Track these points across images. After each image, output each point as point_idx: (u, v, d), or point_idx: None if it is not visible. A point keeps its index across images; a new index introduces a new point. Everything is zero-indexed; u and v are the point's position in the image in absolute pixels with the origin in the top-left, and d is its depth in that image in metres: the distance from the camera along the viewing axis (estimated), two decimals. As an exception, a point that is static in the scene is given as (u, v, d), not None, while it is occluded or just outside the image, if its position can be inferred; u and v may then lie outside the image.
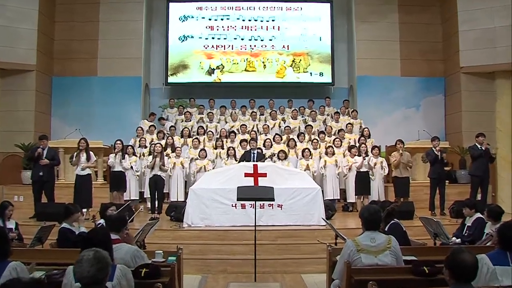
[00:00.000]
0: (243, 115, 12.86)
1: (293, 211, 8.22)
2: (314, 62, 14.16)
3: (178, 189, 10.49)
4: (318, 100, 13.39)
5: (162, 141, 10.95)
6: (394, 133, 12.27)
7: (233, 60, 14.09)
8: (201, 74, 14.07)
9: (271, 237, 7.67)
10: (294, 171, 9.22)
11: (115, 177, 9.69)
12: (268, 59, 14.11)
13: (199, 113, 12.93)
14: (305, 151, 10.55)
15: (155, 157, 9.48)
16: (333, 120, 12.46)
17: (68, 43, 13.38)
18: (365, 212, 4.13)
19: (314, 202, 8.26)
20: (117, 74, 13.19)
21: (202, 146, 11.06)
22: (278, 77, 14.11)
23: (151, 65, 14.37)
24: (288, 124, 12.26)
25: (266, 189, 6.89)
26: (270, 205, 8.11)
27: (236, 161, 10.33)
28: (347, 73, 14.52)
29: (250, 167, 8.61)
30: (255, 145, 10.57)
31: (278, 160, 10.26)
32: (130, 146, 10.26)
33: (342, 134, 11.52)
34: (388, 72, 13.51)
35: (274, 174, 8.52)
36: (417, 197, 10.13)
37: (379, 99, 13.49)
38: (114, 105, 13.12)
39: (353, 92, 14.16)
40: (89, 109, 13.18)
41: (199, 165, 10.50)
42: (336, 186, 10.56)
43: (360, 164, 9.94)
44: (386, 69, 13.50)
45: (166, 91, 14.30)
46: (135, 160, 10.13)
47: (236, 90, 13.97)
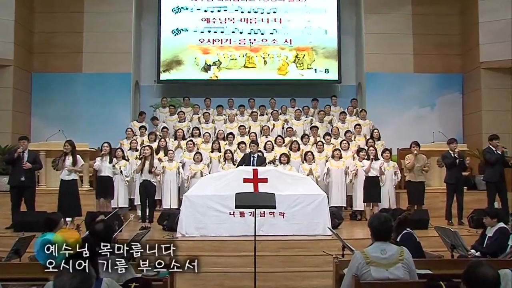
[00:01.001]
0: (242, 115, 12.85)
1: (296, 220, 8.20)
2: (319, 58, 14.16)
3: (171, 195, 10.47)
4: (324, 99, 13.42)
5: (154, 144, 10.95)
6: (406, 135, 12.22)
7: (231, 55, 14.09)
8: (196, 70, 14.07)
9: (273, 248, 7.65)
10: (297, 176, 9.20)
11: (102, 183, 9.67)
12: (269, 54, 14.11)
13: (194, 113, 12.92)
14: (307, 154, 10.55)
15: (144, 160, 9.44)
16: (339, 121, 12.46)
17: (50, 36, 13.38)
18: (374, 221, 4.12)
19: (319, 210, 8.25)
20: (104, 71, 13.19)
21: (197, 149, 11.05)
22: (280, 74, 14.13)
23: (141, 60, 14.38)
24: (290, 125, 12.25)
25: (267, 196, 6.89)
26: (271, 213, 8.09)
27: (234, 165, 10.31)
28: (355, 69, 14.52)
29: (249, 172, 8.57)
30: (255, 148, 10.53)
31: (280, 164, 10.25)
32: (119, 149, 10.26)
33: (349, 136, 11.50)
34: (400, 68, 13.52)
35: (276, 179, 8.50)
36: (432, 204, 10.09)
37: (390, 98, 13.50)
38: (101, 104, 13.12)
39: (361, 90, 14.17)
40: (73, 108, 13.17)
41: (194, 170, 10.49)
42: (342, 192, 10.55)
43: (367, 168, 9.91)
44: (398, 65, 13.51)
45: (158, 89, 14.31)
46: (125, 164, 10.09)
47: (234, 88, 13.96)
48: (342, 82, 14.21)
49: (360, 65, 14.19)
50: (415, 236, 5.41)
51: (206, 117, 12.53)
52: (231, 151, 10.73)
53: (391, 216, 4.40)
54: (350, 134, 11.57)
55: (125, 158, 10.25)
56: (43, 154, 10.56)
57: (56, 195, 9.05)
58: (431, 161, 10.95)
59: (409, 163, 9.90)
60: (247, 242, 7.19)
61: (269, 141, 11.21)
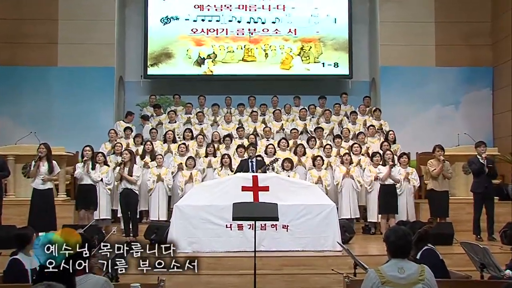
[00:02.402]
0: (241, 115, 12.85)
1: (301, 234, 8.19)
2: (328, 50, 14.15)
3: (159, 206, 10.43)
4: (332, 97, 13.40)
5: (140, 147, 10.97)
6: (426, 137, 12.26)
7: (227, 47, 14.09)
8: (189, 64, 14.06)
9: (275, 266, 7.64)
10: (303, 184, 9.18)
11: (83, 192, 9.63)
12: (271, 46, 14.10)
13: (186, 113, 12.91)
14: (316, 159, 10.53)
15: (123, 166, 9.41)
16: (350, 122, 12.44)
17: (19, 23, 13.33)
18: (391, 235, 4.09)
19: (327, 223, 8.23)
20: (83, 64, 13.18)
21: (190, 154, 11.02)
22: (283, 68, 14.12)
23: (126, 53, 14.39)
24: (295, 126, 12.25)
25: (269, 206, 6.87)
26: (273, 226, 8.07)
27: (232, 171, 10.29)
28: (368, 63, 14.53)
29: (248, 179, 8.55)
30: (255, 152, 10.54)
31: (283, 170, 10.22)
32: (100, 154, 10.20)
33: (362, 138, 11.49)
34: (420, 61, 13.52)
35: (278, 187, 8.49)
36: (458, 216, 10.04)
37: (408, 95, 13.50)
38: (79, 102, 13.11)
39: (375, 86, 14.16)
40: (48, 107, 13.16)
41: (186, 177, 10.46)
42: (354, 202, 10.51)
43: (385, 175, 9.89)
44: (418, 57, 13.50)
45: (146, 86, 14.30)
46: (107, 170, 10.06)
47: (232, 85, 13.96)
48: (354, 78, 14.21)
49: (374, 58, 14.18)
50: (437, 253, 5.38)
51: (199, 117, 12.49)
52: (229, 156, 10.68)
53: (410, 230, 4.36)
54: (362, 136, 11.55)
55: (106, 163, 10.21)
56: (12, 159, 10.48)
57: (26, 206, 8.95)
58: (455, 167, 10.93)
59: (435, 170, 9.84)
60: (246, 259, 7.18)
61: (270, 144, 11.16)
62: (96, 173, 9.76)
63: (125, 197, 9.45)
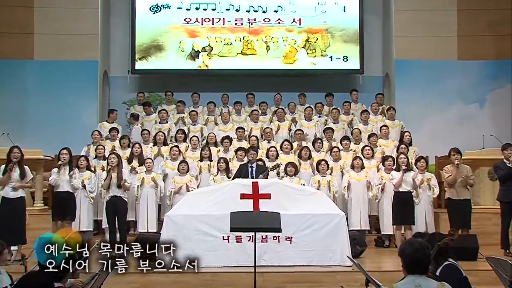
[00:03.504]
0: (239, 114, 12.90)
1: (307, 246, 8.18)
2: (336, 42, 14.19)
3: (148, 216, 10.44)
4: (341, 94, 13.45)
5: (127, 150, 10.97)
6: (447, 139, 12.27)
7: (224, 39, 14.12)
8: (181, 58, 14.11)
9: (277, 282, 7.63)
10: (308, 191, 9.19)
11: (61, 201, 9.60)
12: (273, 38, 14.15)
13: (178, 112, 12.94)
14: (321, 163, 10.53)
15: (110, 172, 9.39)
16: (361, 122, 12.48)
17: (-14, 10, 13.30)
18: (407, 249, 4.10)
19: (336, 234, 8.22)
20: (63, 57, 13.22)
21: (183, 157, 11.04)
22: (287, 63, 14.16)
23: (111, 45, 14.43)
24: (300, 127, 12.27)
25: (270, 216, 6.91)
26: (275, 237, 8.06)
27: (230, 177, 10.30)
28: (381, 56, 14.61)
29: (248, 186, 8.55)
30: (255, 156, 10.51)
31: (287, 176, 10.25)
32: (82, 157, 10.23)
33: (374, 140, 11.50)
34: (439, 54, 13.55)
35: (281, 195, 8.50)
36: (482, 228, 10.02)
37: (426, 93, 13.54)
38: (59, 100, 13.13)
39: (389, 82, 14.18)
40: (22, 105, 13.17)
41: (178, 183, 10.45)
42: (366, 211, 10.54)
43: (398, 181, 9.85)
44: (437, 50, 13.54)
45: (133, 82, 14.35)
46: (89, 176, 10.07)
47: (229, 81, 14.05)
48: (365, 73, 14.27)
49: (388, 51, 14.21)
50: (459, 269, 5.34)
51: (193, 116, 12.51)
52: (225, 160, 10.68)
53: (428, 243, 4.38)
54: (374, 139, 11.54)
55: (90, 168, 10.21)
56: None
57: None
58: (480, 173, 10.91)
59: (450, 176, 9.82)
60: (245, 275, 7.19)
61: (272, 147, 11.17)
62: (76, 179, 9.74)
63: (113, 205, 9.43)
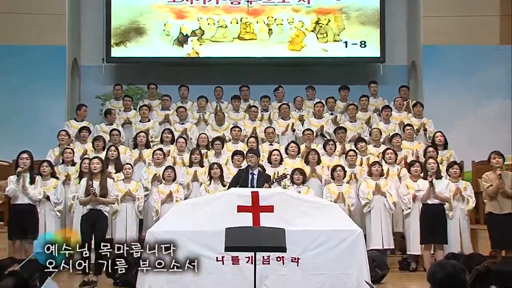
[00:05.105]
0: (235, 111, 12.99)
1: (317, 269, 7.99)
2: (352, 25, 14.17)
3: (127, 233, 10.47)
4: (358, 87, 13.52)
5: (102, 154, 10.86)
6: (486, 140, 12.32)
7: (218, 21, 14.09)
8: (167, 44, 14.11)
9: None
10: (318, 202, 9.04)
11: (20, 215, 9.56)
12: (276, 20, 14.12)
13: (162, 109, 13.02)
14: (336, 170, 10.58)
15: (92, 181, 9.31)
16: (382, 120, 12.52)
17: None
18: (438, 273, 4.15)
19: (351, 254, 8.05)
20: (24, 42, 13.21)
21: (170, 163, 11.10)
22: (293, 49, 14.15)
23: (82, 27, 14.39)
24: (308, 126, 12.29)
25: (273, 233, 6.91)
26: (279, 258, 7.91)
27: (224, 186, 10.37)
28: (406, 42, 14.62)
29: (246, 197, 8.35)
30: (255, 161, 10.43)
31: (293, 184, 10.33)
32: (46, 163, 10.21)
33: (397, 141, 11.55)
34: (477, 39, 13.53)
35: (286, 207, 8.33)
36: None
37: (460, 85, 13.54)
38: (18, 93, 13.10)
39: (415, 73, 14.21)
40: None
41: (163, 193, 10.52)
42: (388, 228, 10.58)
43: (426, 193, 9.83)
44: (475, 33, 13.53)
45: (109, 72, 14.37)
46: (55, 185, 10.08)
47: (224, 71, 14.10)
48: (387, 61, 14.26)
49: (414, 36, 14.22)
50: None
51: (181, 114, 12.56)
52: (219, 165, 10.74)
53: (464, 266, 4.43)
54: (398, 140, 11.56)
55: (55, 175, 10.20)
56: None
57: None
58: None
59: (490, 185, 9.78)
60: (243, 304, 7.09)
61: (275, 150, 11.24)
62: (36, 189, 9.69)
63: (90, 219, 9.31)
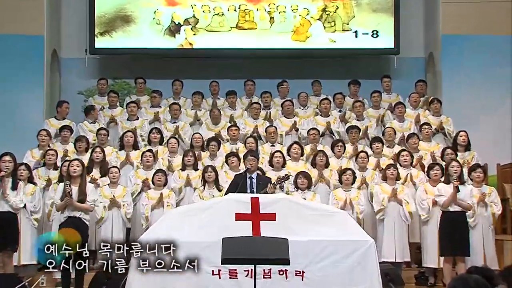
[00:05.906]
0: (233, 108, 13.08)
1: (324, 284, 7.89)
2: (363, 13, 14.28)
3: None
4: (370, 82, 13.57)
5: (85, 156, 10.91)
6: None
7: (214, 8, 14.18)
8: (157, 34, 14.21)
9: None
10: (325, 210, 8.96)
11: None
12: (279, 6, 14.26)
13: (152, 106, 13.06)
14: (345, 173, 10.60)
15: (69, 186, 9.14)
16: (396, 118, 12.55)
17: None
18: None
19: (363, 267, 7.96)
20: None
21: (160, 165, 11.17)
22: (297, 40, 14.26)
23: (62, 15, 14.48)
24: (313, 125, 12.33)
25: (275, 243, 6.87)
26: (281, 271, 7.84)
27: (220, 191, 10.44)
28: (422, 32, 14.76)
29: (245, 203, 8.29)
30: (255, 164, 10.40)
31: (297, 190, 10.34)
32: (23, 166, 10.14)
33: (414, 143, 11.54)
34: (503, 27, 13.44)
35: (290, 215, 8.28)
36: None
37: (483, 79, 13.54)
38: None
39: (433, 66, 14.29)
40: None
41: (152, 199, 10.52)
42: (403, 238, 10.61)
43: (448, 199, 9.73)
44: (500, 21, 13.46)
45: (92, 65, 14.44)
46: (32, 191, 10.02)
47: (221, 64, 14.24)
48: (401, 53, 14.35)
49: (432, 25, 14.34)
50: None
51: (174, 111, 12.56)
52: (214, 169, 10.74)
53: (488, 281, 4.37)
54: (415, 140, 11.52)
55: (32, 181, 10.14)
56: None
57: None
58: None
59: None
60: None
61: (278, 151, 11.20)
62: (18, 196, 9.65)
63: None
